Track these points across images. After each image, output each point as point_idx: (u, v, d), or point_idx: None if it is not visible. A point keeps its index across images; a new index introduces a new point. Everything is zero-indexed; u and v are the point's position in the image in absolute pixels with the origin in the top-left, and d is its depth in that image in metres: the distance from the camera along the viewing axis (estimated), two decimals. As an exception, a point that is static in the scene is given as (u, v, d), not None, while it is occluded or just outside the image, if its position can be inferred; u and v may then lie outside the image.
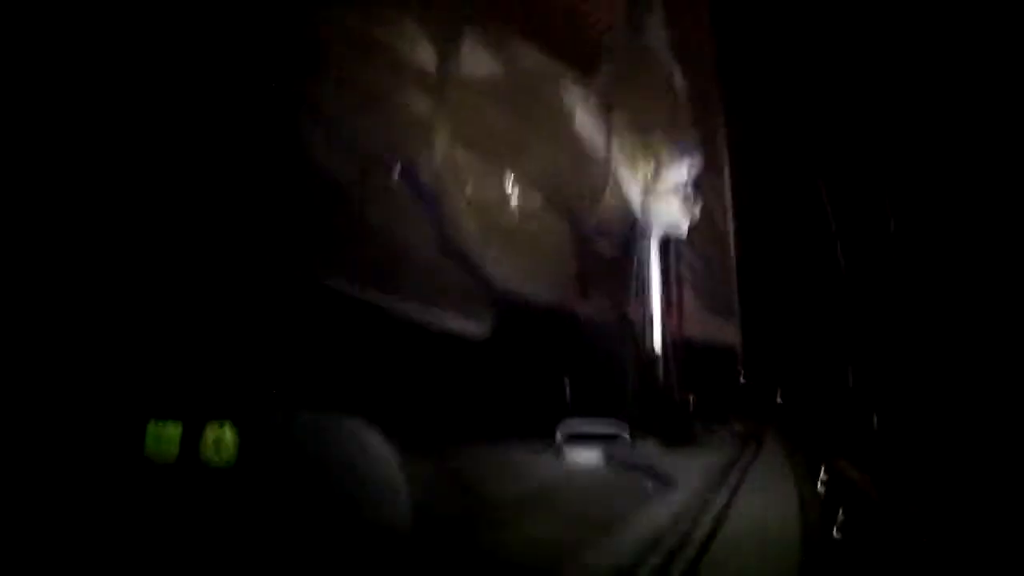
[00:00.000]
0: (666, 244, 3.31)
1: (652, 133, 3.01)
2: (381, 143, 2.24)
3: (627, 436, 2.60)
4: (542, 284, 2.61)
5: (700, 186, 3.17)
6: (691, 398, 3.98)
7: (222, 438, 1.88)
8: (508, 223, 2.40)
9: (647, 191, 2.86)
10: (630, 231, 3.03)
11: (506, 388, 2.81)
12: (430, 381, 2.63)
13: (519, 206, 2.40)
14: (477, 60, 2.31)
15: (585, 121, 2.55)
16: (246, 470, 1.98)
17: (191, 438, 1.94)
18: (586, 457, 2.60)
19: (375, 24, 2.00)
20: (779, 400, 9.72)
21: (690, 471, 2.50)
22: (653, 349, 2.92)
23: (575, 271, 2.71)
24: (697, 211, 2.97)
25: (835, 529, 2.61)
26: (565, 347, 2.93)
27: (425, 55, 2.13)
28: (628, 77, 3.12)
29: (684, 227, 2.90)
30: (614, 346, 3.04)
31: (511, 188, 2.39)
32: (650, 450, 2.61)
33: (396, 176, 2.38)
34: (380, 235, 2.46)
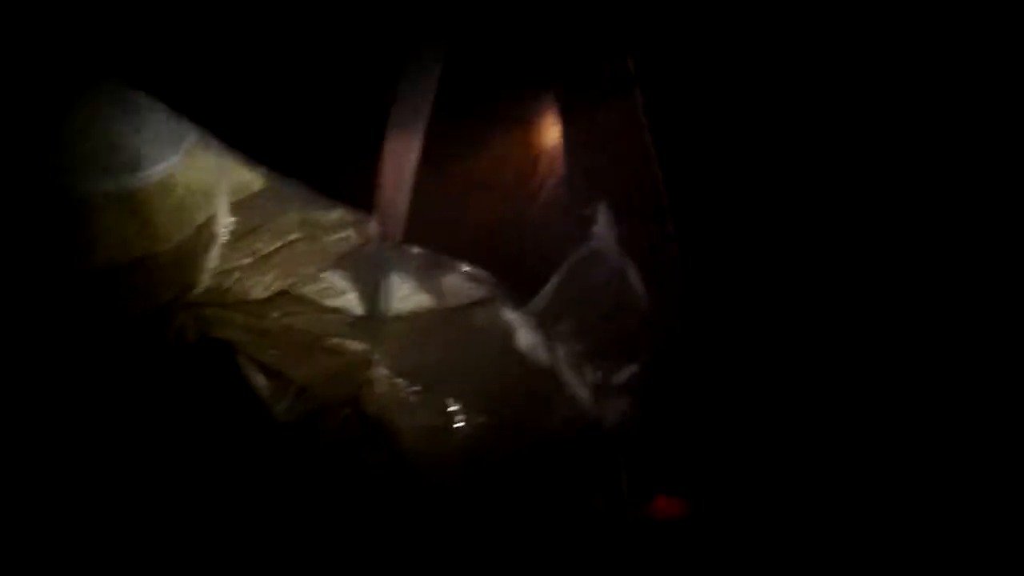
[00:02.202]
0: (628, 434, 3.36)
1: (598, 337, 3.10)
2: (324, 387, 2.37)
3: None
4: (505, 497, 2.70)
5: (654, 373, 3.24)
6: None
7: None
8: (460, 444, 2.49)
9: (597, 395, 2.92)
10: (589, 431, 3.08)
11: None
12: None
13: (468, 426, 2.50)
14: (406, 295, 2.46)
15: (526, 339, 2.66)
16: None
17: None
18: None
19: (299, 284, 2.16)
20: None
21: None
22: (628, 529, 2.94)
23: (538, 478, 2.80)
24: (654, 400, 3.04)
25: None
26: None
27: (351, 300, 2.27)
28: (573, 283, 3.23)
29: (639, 417, 2.96)
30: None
31: (457, 411, 2.50)
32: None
33: (344, 416, 2.51)
34: (335, 476, 2.58)
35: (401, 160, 3.57)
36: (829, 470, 3.08)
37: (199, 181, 1.95)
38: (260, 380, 2.35)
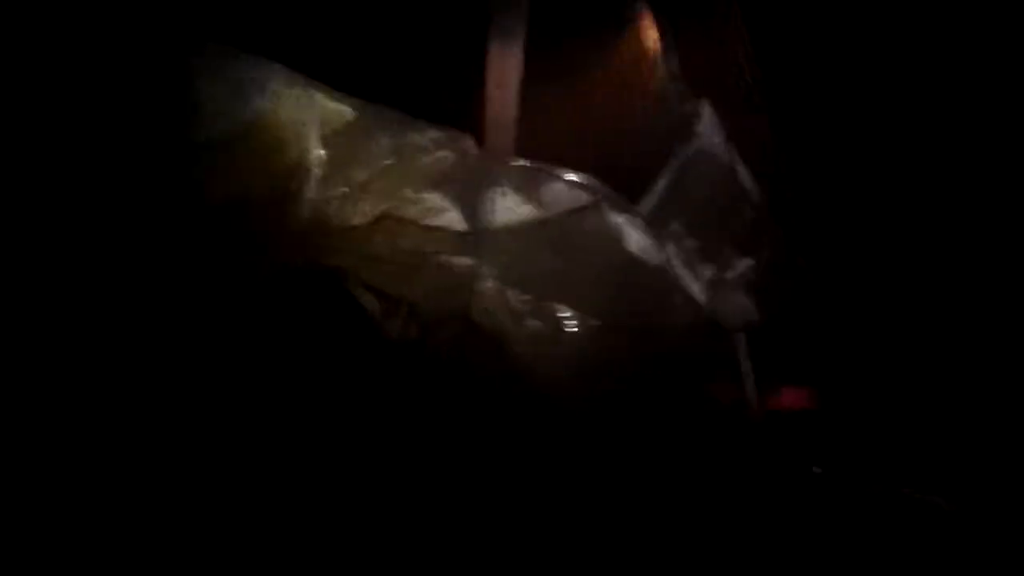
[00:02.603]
0: (748, 331, 3.30)
1: (711, 231, 3.05)
2: (434, 302, 2.43)
3: None
4: (622, 399, 2.72)
5: (771, 270, 3.17)
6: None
7: None
8: (574, 348, 2.52)
9: (712, 291, 2.89)
10: (708, 330, 3.05)
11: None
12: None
13: (581, 330, 2.52)
14: (510, 207, 2.47)
15: (636, 241, 2.64)
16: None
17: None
18: None
19: (399, 207, 2.20)
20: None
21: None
22: (755, 424, 2.90)
23: (656, 379, 2.79)
24: (775, 298, 2.98)
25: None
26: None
27: (453, 218, 2.30)
28: (682, 183, 3.18)
29: (757, 316, 2.90)
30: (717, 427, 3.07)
31: (568, 316, 2.52)
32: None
33: (455, 329, 2.58)
34: (449, 387, 2.67)
35: (506, 72, 3.58)
36: (950, 365, 3.02)
37: (288, 119, 2.00)
38: (371, 302, 2.43)
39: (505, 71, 3.56)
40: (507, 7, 3.66)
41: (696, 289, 3.01)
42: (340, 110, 2.10)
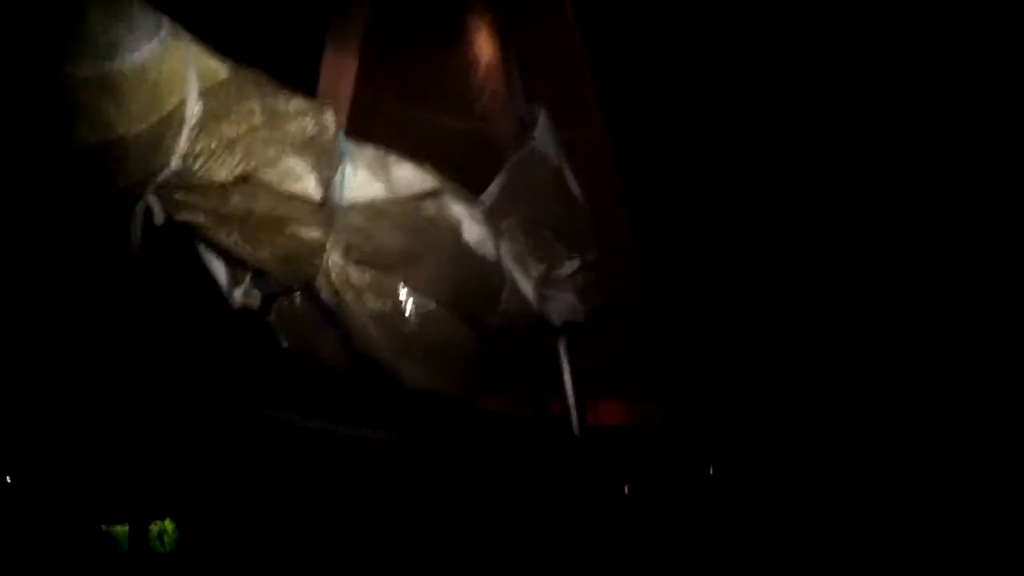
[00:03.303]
0: (573, 332, 3.41)
1: (542, 231, 3.17)
2: (280, 270, 2.43)
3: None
4: (452, 384, 2.77)
5: (597, 272, 3.31)
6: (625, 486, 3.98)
7: (165, 530, 2.19)
8: (410, 329, 2.56)
9: (542, 288, 2.99)
10: (534, 326, 3.16)
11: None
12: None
13: (417, 312, 2.56)
14: (360, 184, 2.50)
15: (473, 232, 2.71)
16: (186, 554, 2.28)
17: (138, 534, 2.25)
18: None
19: (261, 168, 2.21)
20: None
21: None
22: (575, 437, 3.00)
23: (483, 370, 2.85)
24: (598, 297, 3.10)
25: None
26: (482, 446, 3.11)
27: (309, 186, 2.32)
28: (516, 182, 3.28)
29: (582, 316, 3.01)
30: (534, 438, 3.15)
31: (407, 297, 2.56)
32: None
33: (300, 299, 2.59)
34: (293, 356, 2.68)
35: (339, 80, 3.64)
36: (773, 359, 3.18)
37: (171, 68, 2.01)
38: (218, 266, 2.42)
39: (338, 79, 3.62)
40: (343, 20, 3.72)
41: (526, 285, 3.12)
42: (217, 68, 2.12)
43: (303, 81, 2.63)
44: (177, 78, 1.98)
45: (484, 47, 3.66)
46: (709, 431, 3.12)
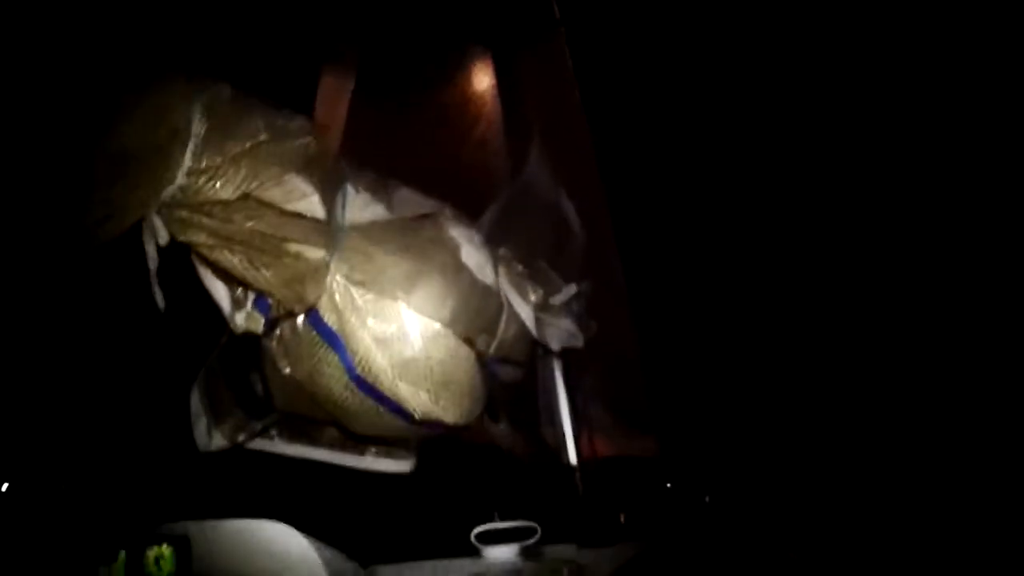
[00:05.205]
0: (568, 361, 3.41)
1: (537, 260, 3.18)
2: (284, 293, 2.41)
3: (538, 529, 2.76)
4: (456, 409, 2.74)
5: (591, 301, 3.32)
6: (621, 515, 3.94)
7: (161, 555, 2.14)
8: (414, 352, 2.54)
9: (539, 313, 2.99)
10: (531, 354, 3.15)
11: (430, 515, 3.02)
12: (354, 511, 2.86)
13: (421, 335, 2.55)
14: (361, 205, 2.51)
15: (472, 256, 2.71)
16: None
17: (135, 560, 2.20)
18: (501, 553, 2.78)
19: (264, 186, 2.21)
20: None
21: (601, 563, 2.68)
22: (568, 465, 2.99)
23: (484, 397, 2.82)
24: (592, 325, 3.11)
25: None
26: (484, 474, 3.08)
27: (313, 204, 2.31)
28: (511, 213, 3.30)
29: (580, 342, 3.01)
30: (530, 465, 3.14)
31: (410, 319, 2.54)
32: (566, 549, 2.77)
33: (302, 323, 2.57)
34: (295, 382, 2.65)
35: (334, 112, 3.67)
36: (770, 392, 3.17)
37: (179, 84, 2.03)
38: (219, 288, 2.41)
39: (334, 111, 3.65)
40: (337, 55, 3.77)
41: (524, 310, 3.11)
42: (221, 87, 2.14)
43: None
44: (183, 93, 2.00)
45: (482, 81, 3.70)
46: (705, 461, 3.09)
